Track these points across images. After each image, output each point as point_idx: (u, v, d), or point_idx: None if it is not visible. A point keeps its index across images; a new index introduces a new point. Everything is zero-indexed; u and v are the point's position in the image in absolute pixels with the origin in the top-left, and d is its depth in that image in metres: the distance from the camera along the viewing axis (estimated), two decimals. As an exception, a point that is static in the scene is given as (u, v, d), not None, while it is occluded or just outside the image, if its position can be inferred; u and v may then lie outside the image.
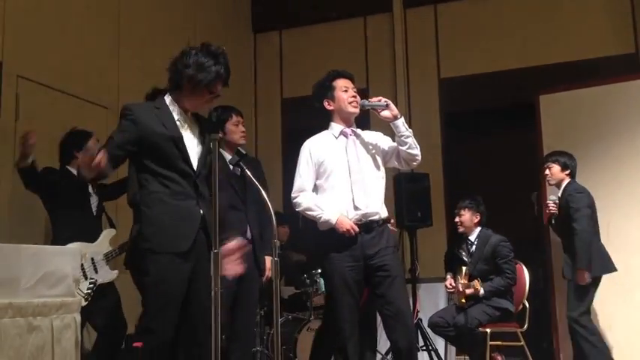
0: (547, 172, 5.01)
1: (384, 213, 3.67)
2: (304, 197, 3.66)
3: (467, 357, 5.06)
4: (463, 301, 4.93)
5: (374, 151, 3.74)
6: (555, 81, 6.01)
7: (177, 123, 2.94)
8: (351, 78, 3.78)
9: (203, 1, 6.47)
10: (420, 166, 4.03)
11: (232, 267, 3.01)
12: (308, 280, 5.14)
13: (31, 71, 4.36)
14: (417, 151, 3.64)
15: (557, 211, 4.92)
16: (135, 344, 2.84)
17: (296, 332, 4.89)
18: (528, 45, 6.31)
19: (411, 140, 3.61)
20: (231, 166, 3.85)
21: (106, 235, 4.11)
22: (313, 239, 3.78)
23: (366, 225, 3.57)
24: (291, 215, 6.56)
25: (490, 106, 6.44)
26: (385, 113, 3.60)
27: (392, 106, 3.60)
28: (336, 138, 3.73)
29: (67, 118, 4.44)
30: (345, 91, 3.70)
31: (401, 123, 3.59)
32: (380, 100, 3.64)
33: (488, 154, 6.97)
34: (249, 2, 7.36)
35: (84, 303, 3.64)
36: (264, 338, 5.01)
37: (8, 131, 4.18)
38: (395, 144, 3.68)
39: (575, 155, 5.04)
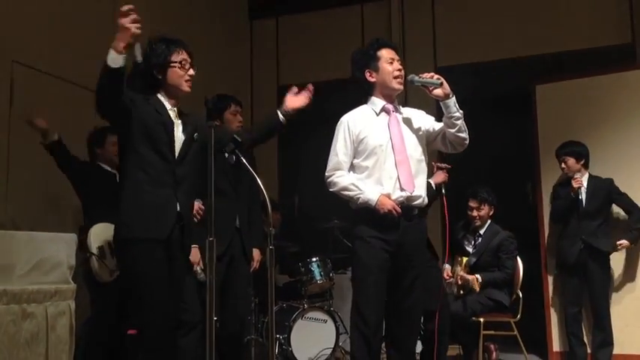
0: (563, 165, 5.13)
1: (425, 201, 3.42)
2: (340, 176, 3.39)
3: (460, 346, 5.06)
4: (461, 292, 4.95)
5: (419, 131, 3.45)
6: (552, 71, 6.00)
7: (170, 112, 3.06)
8: (395, 49, 3.49)
9: (199, -13, 6.43)
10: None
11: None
12: (303, 269, 5.14)
13: (27, 56, 4.33)
14: (465, 134, 3.35)
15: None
16: (129, 331, 2.83)
17: (290, 321, 4.90)
18: (525, 34, 6.29)
19: (461, 122, 3.31)
20: (226, 154, 3.82)
21: None
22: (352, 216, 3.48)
23: (408, 209, 3.33)
24: (286, 204, 6.62)
25: (487, 95, 6.42)
26: (437, 91, 3.26)
27: (446, 84, 3.26)
28: (377, 114, 3.44)
29: (62, 104, 4.42)
30: (391, 63, 3.42)
31: (452, 103, 3.27)
32: (433, 77, 3.28)
33: (483, 143, 6.94)
34: (245, -12, 7.33)
35: (110, 278, 3.77)
36: (259, 327, 5.02)
37: (3, 117, 4.15)
38: (441, 124, 3.40)
39: (571, 145, 5.13)
